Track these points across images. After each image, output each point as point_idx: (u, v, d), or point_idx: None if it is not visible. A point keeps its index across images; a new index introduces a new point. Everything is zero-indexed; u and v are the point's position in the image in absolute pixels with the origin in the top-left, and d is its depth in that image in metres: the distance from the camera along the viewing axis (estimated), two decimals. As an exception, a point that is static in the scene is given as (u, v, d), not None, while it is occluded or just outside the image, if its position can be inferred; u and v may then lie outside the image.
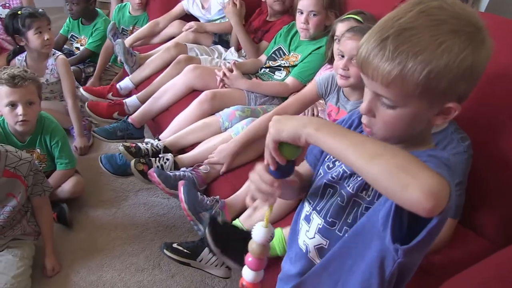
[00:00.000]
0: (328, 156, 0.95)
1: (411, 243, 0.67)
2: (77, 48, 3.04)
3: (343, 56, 1.46)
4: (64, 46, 3.17)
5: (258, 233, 0.88)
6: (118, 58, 2.45)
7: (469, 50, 0.69)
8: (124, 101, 2.28)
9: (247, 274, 0.91)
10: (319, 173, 0.95)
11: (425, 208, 0.61)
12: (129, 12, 2.97)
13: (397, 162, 0.64)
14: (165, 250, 1.54)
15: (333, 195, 0.89)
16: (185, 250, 1.54)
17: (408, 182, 0.61)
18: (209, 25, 2.58)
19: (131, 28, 2.99)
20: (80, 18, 3.02)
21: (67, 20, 3.08)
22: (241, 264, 0.92)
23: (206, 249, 1.53)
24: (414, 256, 0.72)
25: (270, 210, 0.87)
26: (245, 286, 0.92)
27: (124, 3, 3.00)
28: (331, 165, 0.92)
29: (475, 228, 1.48)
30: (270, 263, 1.00)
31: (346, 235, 0.84)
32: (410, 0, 0.73)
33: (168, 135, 1.96)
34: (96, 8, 3.07)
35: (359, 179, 0.85)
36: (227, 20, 2.49)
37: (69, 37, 3.11)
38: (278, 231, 1.33)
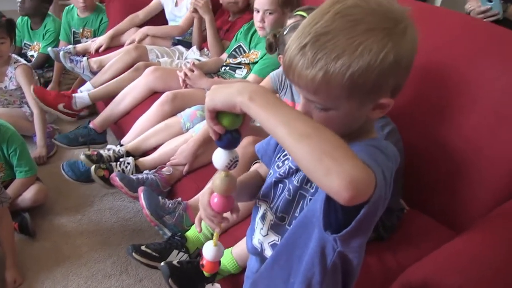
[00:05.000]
0: (278, 156, 0.96)
1: (342, 232, 0.67)
2: (32, 56, 2.97)
3: None
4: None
5: (208, 252, 0.89)
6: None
7: (389, 46, 0.68)
8: (73, 94, 2.24)
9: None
10: (269, 172, 0.96)
11: (344, 196, 0.60)
12: (77, 15, 2.92)
13: (325, 146, 0.63)
14: (133, 253, 1.51)
15: (282, 191, 0.90)
16: (154, 253, 1.53)
17: (331, 168, 0.61)
18: (154, 30, 2.56)
19: (81, 30, 2.94)
20: (29, 24, 2.96)
21: (16, 29, 3.00)
22: None
23: (175, 251, 1.52)
24: (352, 246, 0.72)
25: (220, 229, 0.88)
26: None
27: (71, 5, 2.95)
28: (280, 164, 0.93)
29: (434, 215, 1.52)
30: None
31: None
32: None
33: (130, 139, 1.95)
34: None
35: (303, 172, 0.85)
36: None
37: (22, 45, 3.03)
38: (227, 252, 1.35)
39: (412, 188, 1.51)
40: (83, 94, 2.24)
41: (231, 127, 0.76)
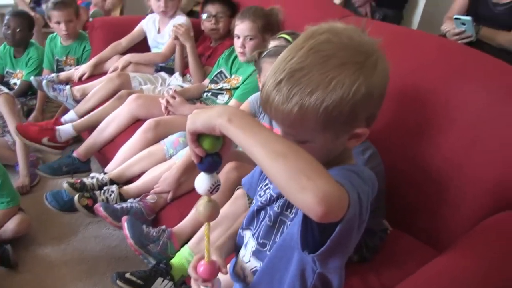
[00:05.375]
0: (260, 185, 0.98)
1: (318, 251, 0.69)
2: (15, 84, 2.96)
3: None
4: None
5: None
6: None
7: (361, 79, 0.71)
8: (56, 127, 2.23)
9: None
10: (252, 202, 0.99)
11: (317, 213, 0.63)
12: (60, 43, 2.93)
13: (300, 165, 0.65)
14: (117, 281, 1.50)
15: (264, 218, 0.92)
16: (138, 281, 1.52)
17: (305, 185, 0.63)
18: (136, 58, 2.57)
19: (64, 58, 2.94)
20: (12, 52, 2.96)
21: None
22: None
23: (159, 279, 1.51)
24: (331, 266, 0.74)
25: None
26: None
27: (54, 34, 2.97)
28: (262, 193, 0.96)
29: (417, 235, 1.54)
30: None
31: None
32: (303, 34, 0.75)
33: (114, 167, 1.95)
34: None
35: (284, 199, 0.87)
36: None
37: (4, 73, 3.02)
38: None
39: (395, 208, 1.53)
40: (67, 126, 2.24)
41: (211, 150, 0.77)
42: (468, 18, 2.34)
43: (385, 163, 1.42)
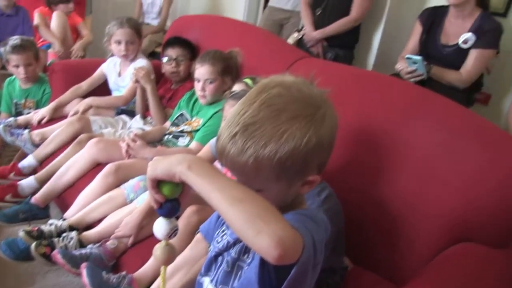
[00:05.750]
0: (217, 232, 1.00)
1: None
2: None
3: None
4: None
5: None
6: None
7: (311, 131, 0.76)
8: (18, 182, 2.18)
9: None
10: (210, 248, 1.01)
11: (273, 255, 0.66)
12: (19, 85, 2.90)
13: (256, 209, 0.69)
14: None
15: (221, 263, 0.93)
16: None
17: (261, 229, 0.66)
18: (97, 101, 2.56)
19: (23, 101, 2.90)
20: None
21: None
22: None
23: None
24: None
25: None
26: None
27: (13, 76, 2.94)
28: (219, 240, 0.97)
29: (377, 270, 1.57)
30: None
31: None
32: (255, 87, 0.80)
33: (74, 212, 1.91)
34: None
35: (241, 244, 0.89)
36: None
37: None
38: None
39: (355, 245, 1.56)
40: (29, 180, 2.19)
41: (171, 196, 0.81)
42: (419, 57, 2.46)
43: (343, 202, 1.46)
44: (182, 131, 2.18)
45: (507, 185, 1.37)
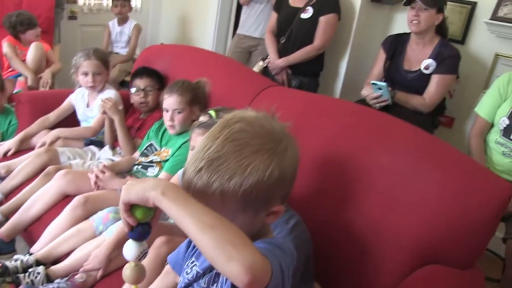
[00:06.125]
0: (187, 263, 1.02)
1: None
2: None
3: None
4: None
5: None
6: None
7: (274, 164, 0.79)
8: None
9: None
10: (180, 280, 1.02)
11: (243, 281, 0.68)
12: None
13: (227, 236, 0.71)
14: None
15: None
16: None
17: (232, 255, 0.68)
18: (65, 132, 2.54)
19: None
20: None
21: None
22: None
23: None
24: None
25: None
26: None
27: None
28: (189, 271, 0.99)
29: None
30: None
31: None
32: (219, 123, 0.83)
33: (41, 246, 1.88)
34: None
35: (210, 274, 0.90)
36: None
37: None
38: None
39: (323, 272, 1.57)
40: None
41: (143, 220, 0.82)
42: (384, 83, 2.53)
43: (310, 230, 1.48)
44: (151, 162, 2.17)
45: (468, 209, 1.41)
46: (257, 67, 3.24)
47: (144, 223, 0.83)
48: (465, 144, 2.78)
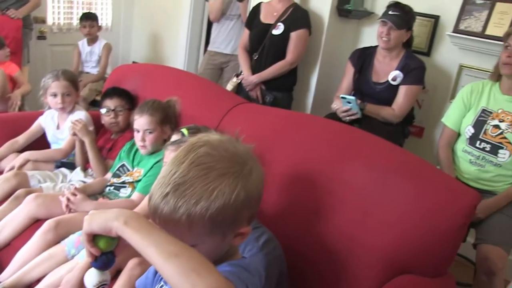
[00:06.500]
0: (155, 287, 1.00)
1: None
2: None
3: None
4: None
5: None
6: None
7: (239, 187, 0.80)
8: None
9: None
10: None
11: None
12: None
13: (191, 264, 0.71)
14: None
15: None
16: None
17: (196, 283, 0.69)
18: (35, 155, 2.48)
19: None
20: None
21: None
22: None
23: None
24: None
25: None
26: None
27: None
28: None
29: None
30: None
31: None
32: (183, 147, 0.84)
33: (10, 274, 1.83)
34: None
35: None
36: None
37: None
38: None
39: (298, 286, 1.58)
40: None
41: (106, 249, 0.82)
42: (352, 97, 2.57)
43: (283, 245, 1.49)
44: (123, 182, 2.16)
45: (437, 219, 1.44)
46: (231, 83, 3.26)
47: (108, 252, 0.83)
48: (434, 153, 2.84)
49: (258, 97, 3.11)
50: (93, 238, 0.81)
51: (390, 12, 2.61)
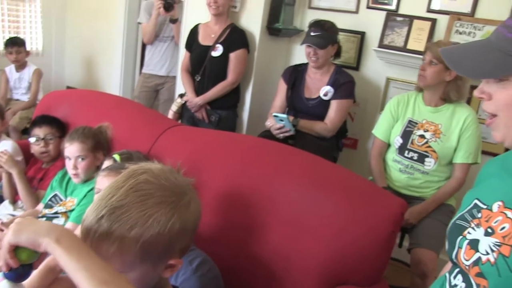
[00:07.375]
0: None
1: None
2: None
3: None
4: None
5: None
6: None
7: (175, 217, 0.80)
8: None
9: None
10: None
11: None
12: None
13: None
14: None
15: None
16: None
17: None
18: None
19: None
20: None
21: None
22: None
23: None
24: None
25: None
26: None
27: None
28: None
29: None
30: None
31: None
32: (124, 173, 0.83)
33: None
34: None
35: None
36: None
37: None
38: None
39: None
40: None
41: (27, 262, 0.77)
42: (284, 115, 2.62)
43: (220, 265, 1.48)
44: (56, 213, 2.08)
45: (367, 229, 1.49)
46: (176, 103, 3.24)
47: (26, 264, 0.78)
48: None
49: (203, 117, 3.12)
50: (15, 248, 0.76)
51: (312, 34, 2.69)
